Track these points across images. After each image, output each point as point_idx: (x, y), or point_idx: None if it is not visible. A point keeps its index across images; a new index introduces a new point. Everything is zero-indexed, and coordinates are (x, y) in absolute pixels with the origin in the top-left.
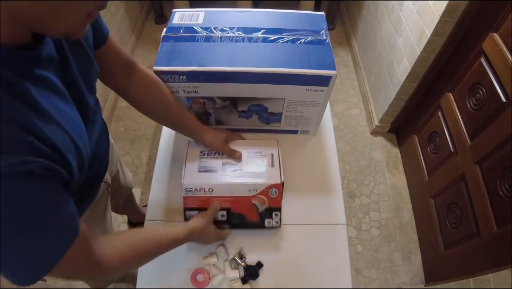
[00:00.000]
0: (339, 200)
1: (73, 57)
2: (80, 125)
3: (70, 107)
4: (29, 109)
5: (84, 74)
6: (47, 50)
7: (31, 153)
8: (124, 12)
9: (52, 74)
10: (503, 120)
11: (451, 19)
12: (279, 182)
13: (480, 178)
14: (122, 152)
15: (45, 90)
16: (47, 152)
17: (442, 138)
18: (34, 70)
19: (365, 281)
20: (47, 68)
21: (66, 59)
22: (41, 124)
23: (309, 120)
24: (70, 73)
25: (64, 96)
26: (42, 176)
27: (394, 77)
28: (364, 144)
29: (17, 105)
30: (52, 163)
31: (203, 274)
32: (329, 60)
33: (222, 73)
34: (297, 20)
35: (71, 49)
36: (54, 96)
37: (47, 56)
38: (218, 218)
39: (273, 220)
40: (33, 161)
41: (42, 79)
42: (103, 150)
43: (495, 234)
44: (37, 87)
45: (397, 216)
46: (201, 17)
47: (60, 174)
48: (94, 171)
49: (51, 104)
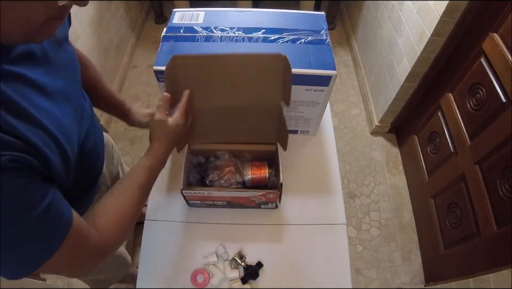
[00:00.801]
0: (339, 200)
1: (52, 51)
2: (62, 120)
3: (51, 103)
4: (2, 106)
5: (64, 67)
6: (20, 46)
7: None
8: (124, 12)
9: (28, 70)
10: (503, 120)
11: (451, 19)
12: (276, 190)
13: (480, 178)
14: (122, 152)
15: (19, 85)
16: (16, 144)
17: (442, 138)
18: (7, 66)
19: (365, 281)
20: (21, 64)
21: (46, 54)
22: (10, 118)
23: (309, 120)
24: (50, 67)
25: (43, 91)
26: (10, 168)
27: (394, 77)
28: (363, 144)
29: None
30: (21, 154)
31: (203, 274)
32: (329, 60)
33: None
34: (297, 20)
35: (49, 43)
36: (30, 91)
37: (22, 52)
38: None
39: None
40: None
41: (15, 74)
42: (94, 145)
43: (495, 234)
44: (8, 83)
45: (397, 216)
46: (201, 17)
47: (32, 166)
48: (87, 167)
49: (26, 99)
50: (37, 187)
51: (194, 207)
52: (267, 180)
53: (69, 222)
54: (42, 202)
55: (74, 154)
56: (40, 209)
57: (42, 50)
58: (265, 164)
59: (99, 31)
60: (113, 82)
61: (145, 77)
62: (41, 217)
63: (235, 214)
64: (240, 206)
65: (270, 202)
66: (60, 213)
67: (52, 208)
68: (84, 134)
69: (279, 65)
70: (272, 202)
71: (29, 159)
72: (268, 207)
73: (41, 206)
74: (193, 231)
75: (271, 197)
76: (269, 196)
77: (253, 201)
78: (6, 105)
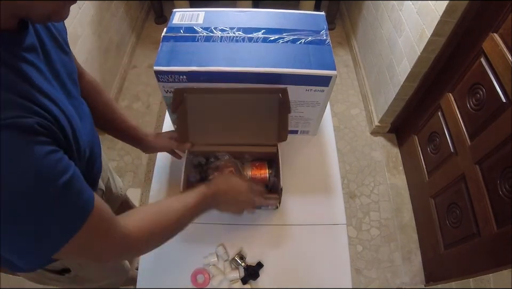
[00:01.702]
0: (339, 200)
1: (53, 51)
2: (71, 109)
3: (60, 93)
4: (24, 82)
5: (64, 68)
6: (30, 39)
7: (26, 111)
8: (124, 12)
9: (38, 61)
10: (503, 120)
11: (451, 19)
12: (276, 196)
13: (480, 178)
14: (122, 152)
15: (35, 72)
16: (41, 113)
17: (442, 138)
18: (22, 53)
19: (365, 281)
20: (32, 54)
21: (47, 52)
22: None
23: (309, 120)
24: (52, 65)
25: (51, 83)
26: (37, 132)
27: (394, 77)
28: (363, 144)
29: (14, 79)
30: (47, 122)
31: (203, 274)
32: (329, 60)
33: (222, 73)
34: (297, 20)
35: (50, 43)
36: (43, 79)
37: (30, 44)
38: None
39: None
40: (28, 116)
41: (30, 62)
42: (97, 149)
43: (495, 234)
44: (28, 67)
45: (397, 216)
46: (201, 17)
47: (57, 137)
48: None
49: (42, 84)
50: (60, 158)
51: None
52: (267, 181)
53: (91, 200)
54: (64, 174)
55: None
56: (63, 181)
57: (43, 48)
58: (265, 165)
59: (99, 31)
60: (113, 82)
61: (145, 77)
62: (63, 189)
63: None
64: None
65: (270, 205)
66: (83, 189)
67: (75, 182)
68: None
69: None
70: (273, 205)
71: (54, 129)
72: (268, 208)
73: (64, 178)
74: (193, 231)
75: (271, 202)
76: (269, 201)
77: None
78: (29, 82)
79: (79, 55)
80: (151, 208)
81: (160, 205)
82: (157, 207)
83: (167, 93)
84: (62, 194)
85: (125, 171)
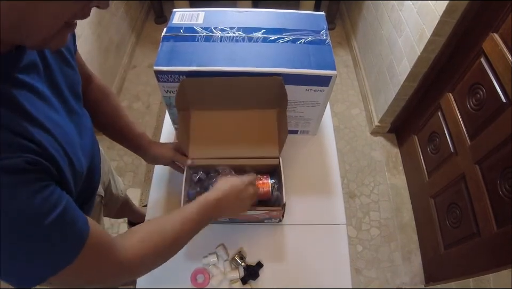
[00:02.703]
0: (339, 200)
1: (55, 65)
2: (70, 134)
3: (58, 115)
4: (13, 111)
5: (67, 82)
6: (29, 57)
7: (13, 148)
8: (124, 12)
9: (37, 81)
10: (503, 120)
11: (451, 19)
12: (280, 208)
13: (480, 178)
14: (122, 152)
15: (30, 96)
16: (30, 147)
17: (442, 138)
18: (17, 75)
19: (365, 281)
20: (30, 74)
21: (49, 68)
22: (24, 123)
23: (309, 120)
24: (54, 81)
25: (51, 104)
26: (26, 170)
27: (394, 77)
28: (363, 144)
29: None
30: (37, 157)
31: (203, 274)
32: (329, 60)
33: (222, 73)
34: (297, 20)
35: (52, 57)
36: (40, 102)
37: (29, 63)
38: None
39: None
40: (15, 156)
41: (26, 84)
42: (96, 161)
43: (495, 234)
44: (21, 92)
45: (397, 216)
46: (201, 17)
47: (47, 170)
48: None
49: (35, 108)
50: (50, 193)
51: None
52: (270, 194)
53: (86, 230)
54: (56, 208)
55: (81, 168)
56: (55, 215)
57: (45, 63)
58: (267, 179)
59: (99, 31)
60: (113, 82)
61: (145, 77)
62: (55, 224)
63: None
64: (243, 222)
65: (273, 218)
66: (76, 219)
67: (67, 214)
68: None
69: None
70: (276, 217)
71: (44, 163)
72: (271, 222)
73: (56, 212)
74: None
75: (274, 214)
76: (272, 213)
77: (256, 217)
78: (19, 111)
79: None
80: (151, 227)
81: (161, 222)
82: (157, 225)
83: (167, 92)
84: (54, 229)
85: (125, 171)
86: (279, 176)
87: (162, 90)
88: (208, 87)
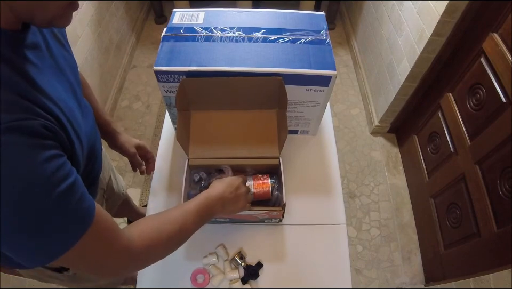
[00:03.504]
0: (339, 200)
1: (55, 48)
2: (75, 111)
3: (64, 92)
4: (26, 81)
5: (68, 64)
6: (33, 37)
7: (30, 112)
8: (124, 12)
9: (41, 60)
10: (503, 120)
11: (451, 19)
12: (280, 207)
13: (480, 178)
14: None
15: (37, 71)
16: (45, 116)
17: (442, 138)
18: (25, 52)
19: (365, 281)
20: (35, 53)
21: (50, 49)
22: (39, 95)
23: (309, 120)
24: (56, 61)
25: (54, 82)
26: (43, 135)
27: (394, 77)
28: (363, 144)
29: (15, 77)
30: (50, 123)
31: (203, 274)
32: (329, 60)
33: (222, 73)
34: (297, 20)
35: (52, 40)
36: (46, 80)
37: (33, 43)
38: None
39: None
40: (32, 118)
41: (33, 61)
42: (98, 147)
43: (495, 234)
44: (30, 67)
45: (397, 216)
46: (201, 17)
47: (60, 139)
48: (89, 168)
49: (44, 84)
50: (62, 164)
51: None
52: (270, 194)
53: (93, 208)
54: (66, 180)
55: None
56: (64, 186)
57: (46, 45)
58: (267, 179)
59: (99, 31)
60: (113, 82)
61: (145, 77)
62: (64, 195)
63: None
64: (243, 222)
65: (273, 218)
66: (84, 197)
67: (76, 189)
68: (90, 128)
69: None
70: (276, 218)
71: (59, 132)
72: (271, 222)
73: (65, 184)
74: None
75: (274, 214)
76: (272, 213)
77: (256, 217)
78: (31, 82)
79: (78, 55)
80: (153, 219)
81: (163, 214)
82: (159, 216)
83: (167, 92)
84: (63, 200)
85: (125, 171)
86: (279, 176)
87: (162, 90)
88: (208, 87)
